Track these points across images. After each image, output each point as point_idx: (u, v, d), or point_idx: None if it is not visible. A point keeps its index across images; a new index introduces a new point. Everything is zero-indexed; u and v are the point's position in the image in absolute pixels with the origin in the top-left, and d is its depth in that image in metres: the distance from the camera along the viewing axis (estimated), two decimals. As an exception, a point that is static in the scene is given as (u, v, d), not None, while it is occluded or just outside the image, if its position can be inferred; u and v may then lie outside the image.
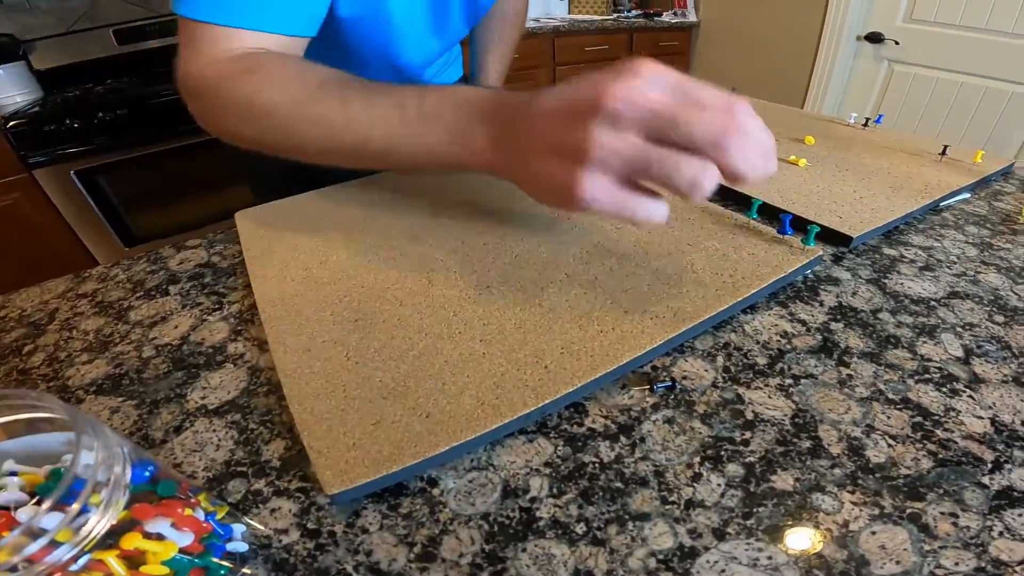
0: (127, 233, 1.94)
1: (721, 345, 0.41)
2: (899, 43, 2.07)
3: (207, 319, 0.47)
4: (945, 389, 0.37)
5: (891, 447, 0.33)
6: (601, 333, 0.39)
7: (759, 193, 0.58)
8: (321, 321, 0.42)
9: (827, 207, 0.56)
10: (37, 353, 0.45)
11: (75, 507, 0.18)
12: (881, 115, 0.81)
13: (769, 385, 0.38)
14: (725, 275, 0.45)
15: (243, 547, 0.28)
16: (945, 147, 0.68)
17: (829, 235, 0.53)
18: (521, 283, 0.45)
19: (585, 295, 0.43)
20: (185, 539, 0.23)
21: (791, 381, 0.38)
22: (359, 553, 0.29)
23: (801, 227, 0.51)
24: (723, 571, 0.27)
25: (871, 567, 0.27)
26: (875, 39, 2.14)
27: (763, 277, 0.44)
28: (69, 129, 1.66)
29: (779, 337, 0.42)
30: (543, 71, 2.73)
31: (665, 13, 2.90)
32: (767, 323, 0.43)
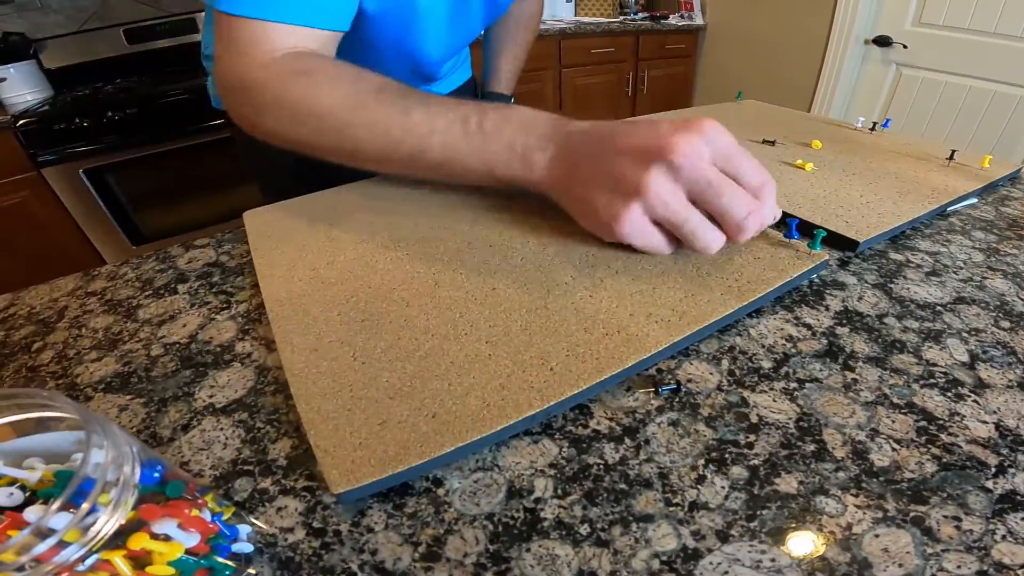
0: (135, 232, 1.95)
1: (726, 349, 0.41)
2: (907, 47, 2.07)
3: (215, 318, 0.48)
4: (950, 394, 0.37)
5: (895, 451, 0.33)
6: (606, 336, 0.40)
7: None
8: (328, 321, 0.43)
9: (834, 211, 0.56)
10: (46, 351, 0.45)
11: (85, 507, 0.18)
12: (889, 119, 0.81)
13: (774, 389, 0.38)
14: (730, 279, 0.45)
15: (248, 548, 0.28)
16: (953, 152, 0.67)
17: (835, 240, 0.53)
18: (527, 285, 0.45)
19: (591, 298, 0.43)
20: (191, 540, 0.23)
21: (796, 385, 0.38)
22: (364, 552, 0.29)
23: (807, 231, 0.51)
24: (726, 573, 0.27)
25: (874, 570, 0.27)
26: (883, 43, 2.13)
27: (769, 281, 0.44)
28: (78, 128, 1.68)
29: (784, 341, 0.42)
30: (549, 73, 2.73)
31: (672, 16, 2.90)
32: (772, 327, 0.43)
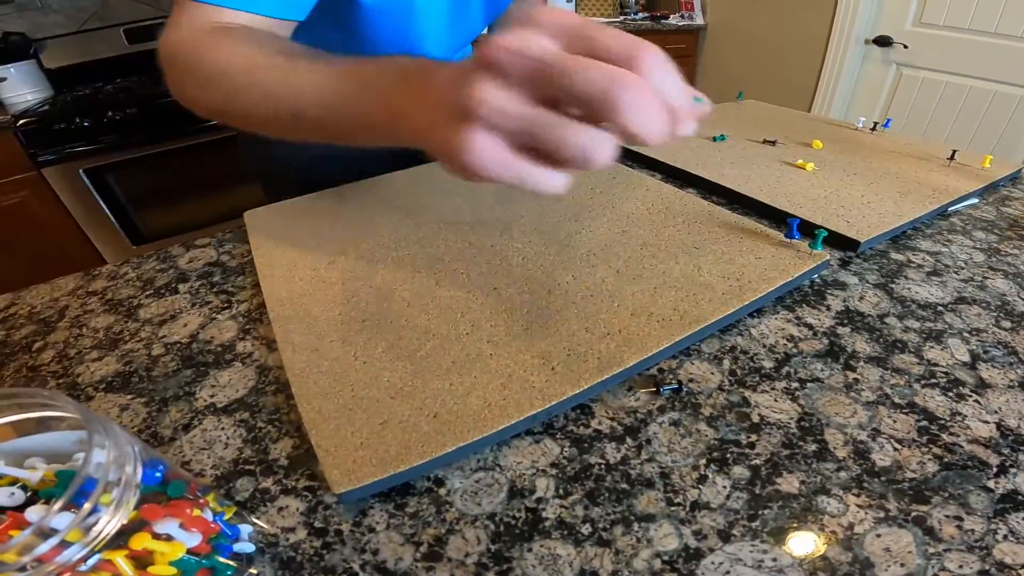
0: (135, 232, 1.95)
1: (727, 348, 0.41)
2: (908, 47, 2.07)
3: (216, 318, 0.48)
4: (951, 394, 0.37)
5: (897, 451, 0.33)
6: (608, 335, 0.40)
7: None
8: (329, 321, 0.43)
9: (835, 211, 0.56)
10: (47, 350, 0.45)
11: (86, 507, 0.18)
12: (889, 119, 0.81)
13: (775, 388, 0.38)
14: (732, 279, 0.45)
15: (250, 548, 0.28)
16: (954, 152, 0.67)
17: (836, 239, 0.53)
18: (528, 285, 0.45)
19: (592, 297, 0.43)
20: (193, 540, 0.23)
21: (797, 385, 0.38)
22: (366, 552, 0.29)
23: (808, 231, 0.51)
24: (728, 572, 0.27)
25: (875, 569, 0.27)
26: (884, 43, 2.13)
27: (770, 281, 0.44)
28: (79, 128, 1.68)
29: (786, 341, 0.42)
30: (549, 73, 2.73)
31: (672, 16, 2.89)
32: (774, 327, 0.43)
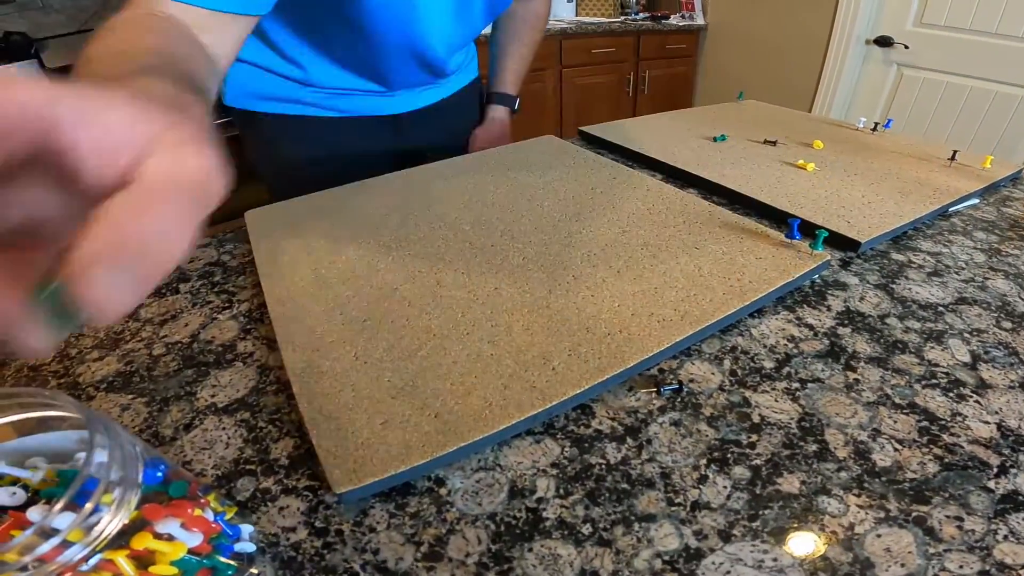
0: (136, 231, 1.95)
1: (728, 348, 0.41)
2: (909, 47, 2.07)
3: (217, 317, 0.48)
4: (952, 394, 0.37)
5: (897, 451, 0.33)
6: (608, 335, 0.40)
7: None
8: (330, 321, 0.43)
9: (835, 212, 0.56)
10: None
11: (88, 507, 0.18)
12: (890, 119, 0.81)
13: (776, 389, 0.38)
14: (733, 279, 0.45)
15: (251, 548, 0.28)
16: (954, 152, 0.67)
17: (837, 240, 0.53)
18: (529, 285, 0.45)
19: (592, 297, 0.43)
20: (194, 540, 0.23)
21: (798, 385, 0.38)
22: (366, 552, 0.29)
23: (809, 232, 0.51)
24: (728, 573, 0.27)
25: (876, 570, 0.27)
26: (884, 43, 2.13)
27: (771, 281, 0.44)
28: (80, 128, 1.68)
29: (786, 341, 0.42)
30: (550, 73, 2.73)
31: (673, 16, 2.89)
32: (774, 327, 0.43)
